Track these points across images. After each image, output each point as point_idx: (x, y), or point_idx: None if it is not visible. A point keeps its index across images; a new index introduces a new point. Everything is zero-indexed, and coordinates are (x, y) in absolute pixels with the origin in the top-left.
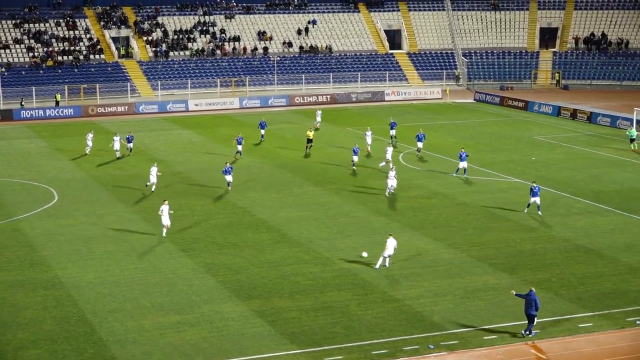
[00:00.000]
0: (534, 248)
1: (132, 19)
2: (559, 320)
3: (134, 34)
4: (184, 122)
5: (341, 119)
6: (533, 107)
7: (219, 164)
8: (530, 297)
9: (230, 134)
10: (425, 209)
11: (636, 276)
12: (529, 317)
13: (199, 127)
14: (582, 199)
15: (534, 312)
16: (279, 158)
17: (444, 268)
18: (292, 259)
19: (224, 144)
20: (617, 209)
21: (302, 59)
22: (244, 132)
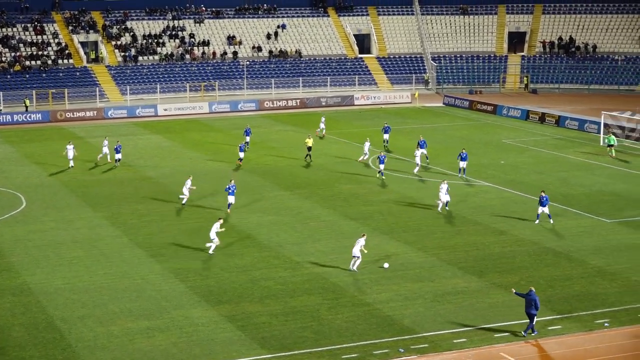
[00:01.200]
0: (503, 251)
1: (101, 23)
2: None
3: (103, 38)
4: (153, 127)
5: (311, 124)
6: (502, 110)
7: (189, 168)
8: (530, 296)
9: (200, 139)
10: (395, 213)
11: (604, 278)
12: (530, 317)
13: (168, 131)
14: (550, 202)
15: (534, 311)
16: (249, 162)
17: (414, 272)
18: (262, 264)
19: (194, 149)
20: (585, 212)
21: (271, 63)
22: (213, 136)
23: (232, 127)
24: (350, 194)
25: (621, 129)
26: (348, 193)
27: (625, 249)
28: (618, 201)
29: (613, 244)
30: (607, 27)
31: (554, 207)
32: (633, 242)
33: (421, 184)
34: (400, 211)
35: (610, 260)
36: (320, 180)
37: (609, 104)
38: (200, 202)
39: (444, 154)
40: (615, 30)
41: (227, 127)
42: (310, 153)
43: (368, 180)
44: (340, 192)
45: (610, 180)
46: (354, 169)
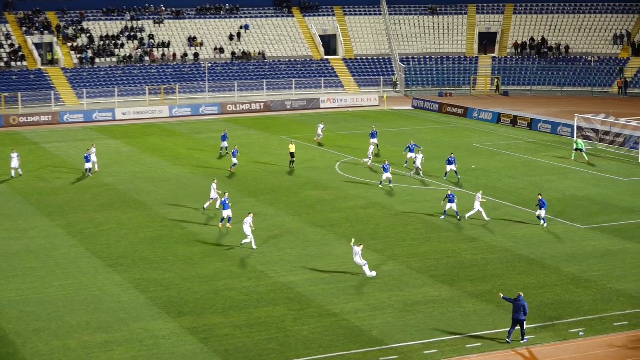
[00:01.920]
0: (475, 258)
1: (56, 24)
2: (500, 333)
3: (58, 39)
4: (111, 131)
5: (275, 127)
6: (472, 113)
7: (149, 175)
8: (519, 302)
9: (160, 144)
10: (362, 220)
11: (579, 286)
12: (518, 323)
13: (127, 136)
14: (523, 207)
15: (523, 317)
16: (211, 168)
17: (383, 281)
18: (225, 273)
19: (154, 154)
20: (558, 218)
21: (234, 65)
22: (173, 141)
23: (194, 131)
24: (317, 200)
25: (595, 132)
26: (314, 199)
27: (599, 255)
28: (592, 206)
29: (587, 250)
30: (580, 27)
31: (526, 212)
32: (607, 249)
33: (388, 189)
34: (368, 218)
35: (585, 267)
36: (285, 186)
37: (583, 107)
38: (161, 210)
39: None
40: (588, 30)
41: (188, 131)
42: (293, 160)
43: (334, 185)
44: (306, 199)
45: (584, 184)
46: (320, 175)
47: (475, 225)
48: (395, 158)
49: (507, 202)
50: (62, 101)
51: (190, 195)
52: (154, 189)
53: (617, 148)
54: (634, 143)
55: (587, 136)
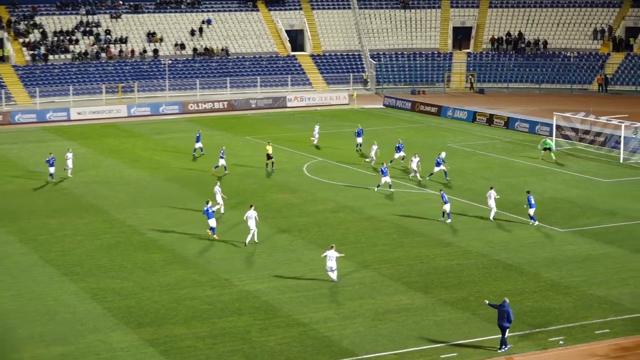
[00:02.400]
0: (450, 264)
1: (7, 18)
2: (476, 342)
3: (9, 35)
4: (66, 132)
5: (239, 127)
6: (447, 112)
7: (106, 178)
8: (504, 308)
9: (118, 145)
10: (332, 224)
11: (558, 292)
12: (502, 329)
13: (83, 137)
14: (499, 210)
15: (506, 324)
16: (171, 170)
17: (353, 288)
18: (187, 282)
19: (111, 156)
20: (537, 221)
21: (196, 62)
22: (132, 142)
23: (153, 132)
24: (284, 203)
25: (574, 131)
26: (281, 203)
27: (580, 260)
28: (572, 209)
29: (567, 255)
30: (558, 21)
31: (503, 216)
32: (588, 253)
33: (359, 192)
34: (337, 222)
35: (565, 272)
36: (250, 189)
37: (562, 105)
38: (119, 215)
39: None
40: (567, 24)
41: (147, 132)
42: (270, 161)
43: (302, 188)
44: (272, 202)
45: (563, 186)
46: (287, 177)
47: (450, 229)
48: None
49: (483, 205)
50: (14, 100)
51: (150, 199)
52: (111, 193)
53: (598, 148)
54: (615, 142)
55: (566, 135)
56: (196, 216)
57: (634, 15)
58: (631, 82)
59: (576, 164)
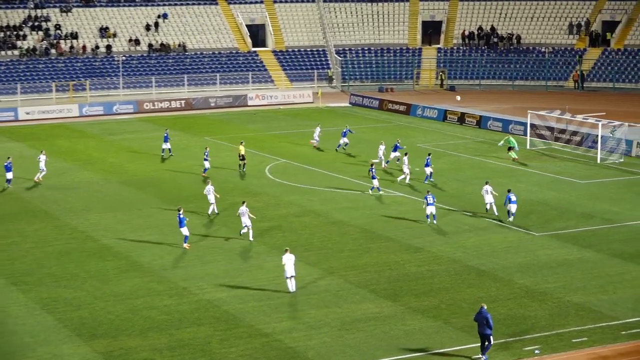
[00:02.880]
0: (420, 271)
1: None
2: (448, 353)
3: None
4: (13, 133)
5: (198, 127)
6: (416, 110)
7: (57, 181)
8: (482, 314)
9: (69, 147)
10: (296, 229)
11: (534, 300)
12: (484, 338)
13: (31, 138)
14: (471, 213)
15: (488, 331)
16: (126, 173)
17: (319, 296)
18: (143, 291)
19: (62, 158)
20: (511, 225)
21: (151, 58)
22: (84, 143)
23: (106, 132)
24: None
25: (549, 130)
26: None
27: (556, 265)
28: (547, 211)
29: (543, 260)
30: (532, 15)
31: (476, 219)
32: (565, 258)
33: (324, 195)
34: (302, 227)
35: (540, 278)
36: None
37: (536, 102)
38: (71, 221)
39: (352, 161)
40: (541, 19)
41: (100, 132)
42: (243, 162)
43: (264, 191)
44: (233, 206)
45: (538, 187)
46: (249, 179)
47: (420, 233)
48: (327, 161)
49: (454, 208)
50: None
51: (104, 203)
52: (62, 197)
53: (574, 147)
54: (591, 142)
55: (541, 134)
56: (153, 221)
57: (611, 9)
58: (608, 79)
59: (552, 164)
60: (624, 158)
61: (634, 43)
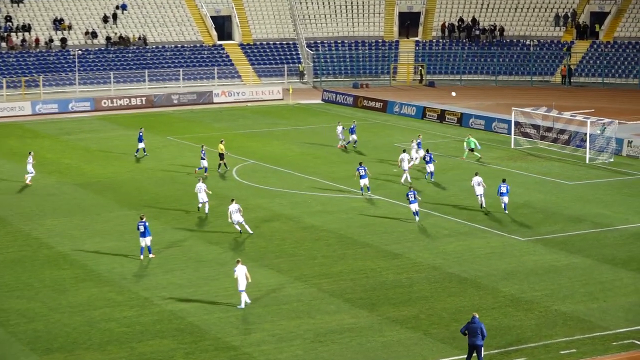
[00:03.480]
0: (398, 278)
1: None
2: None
3: None
4: None
5: (160, 126)
6: (393, 108)
7: (8, 184)
8: (475, 324)
9: (21, 147)
10: (265, 235)
11: (519, 309)
12: (475, 349)
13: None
14: (453, 217)
15: (480, 341)
16: (83, 175)
17: (290, 306)
18: (102, 301)
19: (14, 160)
20: (494, 229)
21: (109, 52)
22: (38, 143)
23: (62, 132)
24: (210, 212)
25: (535, 129)
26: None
27: (543, 272)
28: (533, 215)
29: (528, 266)
30: (516, 6)
31: (457, 223)
32: (552, 264)
33: (295, 198)
34: (271, 232)
35: (526, 286)
36: (172, 196)
37: (521, 99)
38: (24, 226)
39: (325, 163)
40: (525, 9)
41: (55, 132)
42: (223, 162)
43: (232, 195)
44: (197, 211)
45: (523, 189)
46: (214, 182)
47: (398, 238)
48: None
49: (434, 212)
50: None
51: (59, 208)
52: (14, 202)
53: (561, 147)
54: (580, 140)
55: (526, 133)
56: (112, 227)
57: None
58: (597, 74)
59: (538, 164)
60: (614, 158)
61: (624, 35)
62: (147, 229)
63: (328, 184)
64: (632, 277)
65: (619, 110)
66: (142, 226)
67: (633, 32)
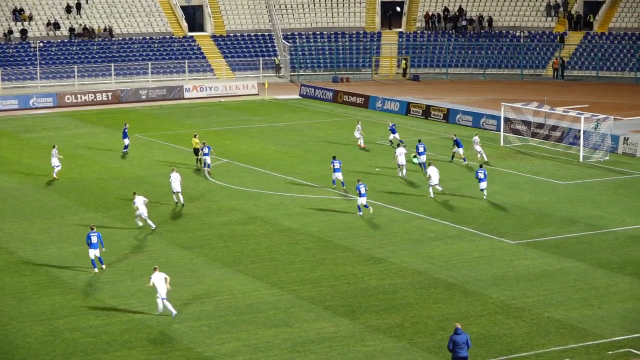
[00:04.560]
0: (381, 284)
1: None
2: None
3: None
4: None
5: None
6: (375, 103)
7: None
8: (462, 336)
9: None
10: (240, 238)
11: (509, 316)
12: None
13: None
14: (439, 219)
15: (465, 353)
16: (45, 176)
17: (267, 314)
18: (66, 310)
19: None
20: (483, 232)
21: (73, 45)
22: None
23: (22, 129)
24: (181, 214)
25: (526, 125)
26: (178, 213)
27: (534, 277)
28: (524, 216)
29: (519, 271)
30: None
31: (443, 226)
32: (544, 269)
33: (272, 199)
34: (246, 235)
35: (516, 292)
36: None
37: (510, 93)
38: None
39: (303, 162)
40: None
41: (15, 129)
42: (199, 157)
43: (204, 196)
44: (167, 213)
45: (513, 189)
46: (185, 182)
47: (380, 242)
48: (275, 161)
49: (419, 214)
50: None
51: (20, 210)
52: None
53: (553, 144)
54: (573, 138)
55: (516, 130)
56: (76, 231)
57: None
58: (591, 66)
59: (528, 163)
60: (609, 156)
61: (619, 26)
62: (100, 239)
63: (306, 184)
64: (629, 282)
65: (614, 106)
66: (94, 237)
67: (629, 22)
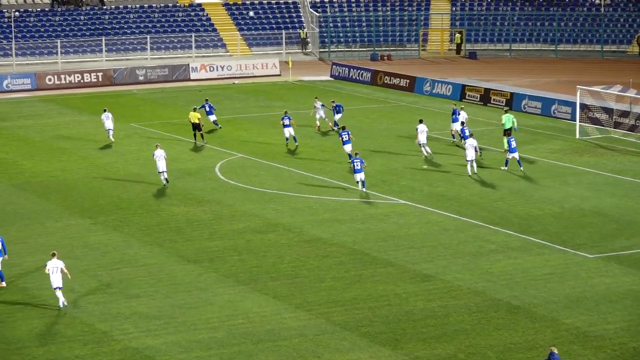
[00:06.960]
0: (430, 307)
1: None
2: None
3: None
4: None
5: (122, 110)
6: (423, 86)
7: None
8: None
9: None
10: (257, 250)
11: (587, 347)
12: None
13: None
14: (501, 228)
15: None
16: (22, 173)
17: (291, 343)
18: (46, 337)
19: None
20: (555, 243)
21: (55, 14)
22: None
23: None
24: (187, 220)
25: (607, 113)
26: (183, 220)
27: (617, 299)
28: (605, 224)
29: (599, 291)
30: None
31: (507, 236)
32: (629, 288)
33: (297, 202)
34: (266, 247)
35: (595, 317)
36: (137, 199)
37: (588, 75)
38: None
39: (334, 158)
40: None
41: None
42: (199, 133)
43: (214, 198)
44: (170, 219)
45: (592, 192)
46: (192, 182)
47: (429, 255)
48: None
49: (477, 221)
50: None
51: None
52: None
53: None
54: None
55: (595, 119)
56: (58, 239)
57: None
58: None
59: (610, 159)
60: None
61: None
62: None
63: (339, 184)
64: None
65: None
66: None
67: None
